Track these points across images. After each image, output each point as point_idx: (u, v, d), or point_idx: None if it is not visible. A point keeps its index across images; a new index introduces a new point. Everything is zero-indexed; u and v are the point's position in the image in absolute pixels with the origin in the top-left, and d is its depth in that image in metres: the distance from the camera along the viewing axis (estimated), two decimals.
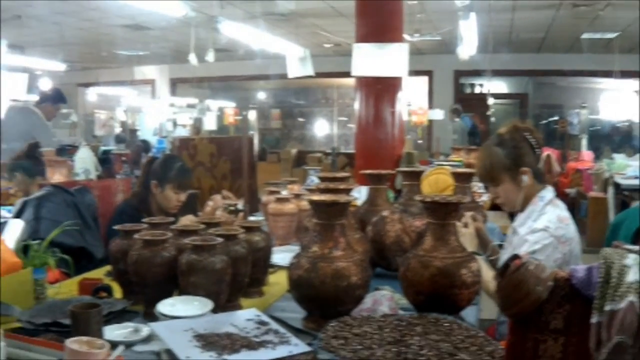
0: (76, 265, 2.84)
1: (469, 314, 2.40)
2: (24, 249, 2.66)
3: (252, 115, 19.26)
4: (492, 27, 10.30)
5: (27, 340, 1.95)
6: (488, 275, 2.58)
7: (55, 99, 8.08)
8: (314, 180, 4.82)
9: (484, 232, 3.23)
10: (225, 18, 6.58)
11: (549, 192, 2.98)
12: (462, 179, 3.57)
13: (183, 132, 14.36)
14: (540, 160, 3.04)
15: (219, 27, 6.45)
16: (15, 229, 2.80)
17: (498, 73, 13.25)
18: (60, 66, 10.59)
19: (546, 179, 3.13)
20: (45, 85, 11.21)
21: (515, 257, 2.02)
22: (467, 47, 6.94)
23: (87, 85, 17.98)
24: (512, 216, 3.24)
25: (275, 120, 20.02)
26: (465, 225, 3.06)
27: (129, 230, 2.57)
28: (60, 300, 2.50)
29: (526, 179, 2.94)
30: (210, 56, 7.99)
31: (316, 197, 2.34)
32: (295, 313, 2.36)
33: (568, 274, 2.00)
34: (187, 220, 3.39)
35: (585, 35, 11.97)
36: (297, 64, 8.35)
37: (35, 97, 11.43)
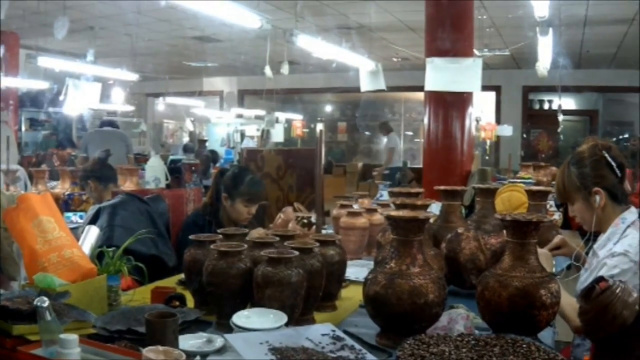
0: (148, 273, 2.87)
1: (545, 335, 2.35)
2: (98, 256, 2.69)
3: (319, 127, 19.29)
4: (563, 43, 10.15)
5: (102, 347, 1.97)
6: (563, 297, 2.51)
7: (112, 125, 9.73)
8: (383, 194, 4.80)
9: (571, 247, 3.17)
10: (300, 31, 6.60)
11: (631, 214, 2.86)
12: (537, 197, 3.51)
13: (250, 144, 14.47)
14: (624, 180, 2.93)
15: (295, 40, 6.47)
16: (92, 235, 2.84)
17: (568, 89, 13.04)
18: (132, 76, 10.78)
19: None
20: (117, 95, 11.49)
21: (601, 279, 1.96)
22: (544, 63, 6.82)
23: (156, 95, 18.27)
24: (582, 235, 3.15)
25: (341, 133, 20.03)
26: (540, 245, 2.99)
27: (203, 241, 2.58)
28: (134, 308, 2.52)
29: (598, 199, 2.85)
30: (284, 69, 8.04)
31: (394, 212, 2.31)
32: (368, 329, 2.34)
33: None
34: (257, 234, 3.40)
35: None
36: (369, 78, 8.34)
37: (107, 106, 11.86)
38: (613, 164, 2.86)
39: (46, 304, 1.91)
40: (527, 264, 2.20)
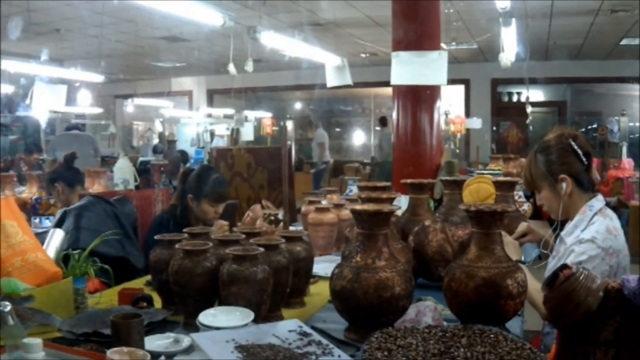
0: (116, 275, 2.84)
1: (514, 325, 2.36)
2: (64, 259, 2.67)
3: (288, 125, 19.29)
4: (529, 34, 10.22)
5: (67, 350, 1.94)
6: (532, 284, 2.52)
7: (77, 128, 9.99)
8: (352, 190, 4.79)
9: (537, 233, 3.18)
10: (263, 28, 6.58)
11: (598, 202, 2.89)
12: (504, 188, 3.53)
13: (221, 143, 14.43)
14: (591, 168, 2.95)
15: (258, 37, 6.44)
16: (56, 238, 2.81)
17: (536, 81, 13.13)
18: (98, 78, 10.70)
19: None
20: (84, 97, 11.41)
21: (565, 266, 1.96)
22: (508, 54, 6.85)
23: (125, 96, 18.15)
24: (551, 224, 3.16)
25: (312, 130, 20.04)
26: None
27: (169, 240, 2.56)
28: (101, 310, 2.51)
29: (565, 186, 2.87)
30: (249, 66, 7.98)
31: (359, 206, 2.30)
32: (337, 324, 2.34)
33: (619, 285, 1.95)
34: (218, 226, 3.40)
35: (624, 42, 11.83)
36: (335, 73, 8.31)
37: (74, 109, 11.76)
38: (579, 152, 2.88)
39: (8, 308, 1.88)
40: (493, 254, 2.20)
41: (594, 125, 15.54)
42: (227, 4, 7.56)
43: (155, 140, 17.07)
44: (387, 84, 6.30)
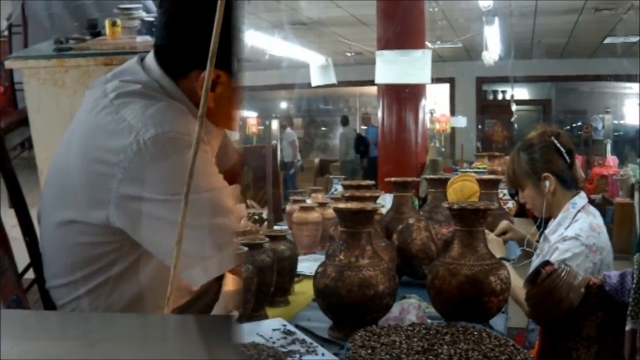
0: None
1: (498, 322, 2.36)
2: None
3: (273, 124, 19.25)
4: (514, 33, 10.26)
5: None
6: (516, 282, 2.53)
7: None
8: (338, 189, 4.79)
9: (517, 231, 3.20)
10: (247, 27, 6.57)
11: (581, 199, 2.90)
12: (488, 185, 3.54)
13: None
14: (573, 165, 2.96)
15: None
16: None
17: (521, 79, 13.19)
18: None
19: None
20: None
21: (547, 263, 1.97)
22: (492, 53, 6.89)
23: None
24: (535, 222, 3.18)
25: (297, 129, 19.99)
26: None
27: None
28: None
29: (548, 184, 2.88)
30: None
31: (342, 205, 2.30)
32: (321, 322, 2.33)
33: (600, 281, 1.96)
34: None
35: (608, 40, 11.88)
36: (320, 72, 8.30)
37: None
38: (562, 149, 2.89)
39: None
40: (476, 251, 2.21)
41: (579, 123, 15.62)
42: None
43: None
44: (372, 82, 6.31)
